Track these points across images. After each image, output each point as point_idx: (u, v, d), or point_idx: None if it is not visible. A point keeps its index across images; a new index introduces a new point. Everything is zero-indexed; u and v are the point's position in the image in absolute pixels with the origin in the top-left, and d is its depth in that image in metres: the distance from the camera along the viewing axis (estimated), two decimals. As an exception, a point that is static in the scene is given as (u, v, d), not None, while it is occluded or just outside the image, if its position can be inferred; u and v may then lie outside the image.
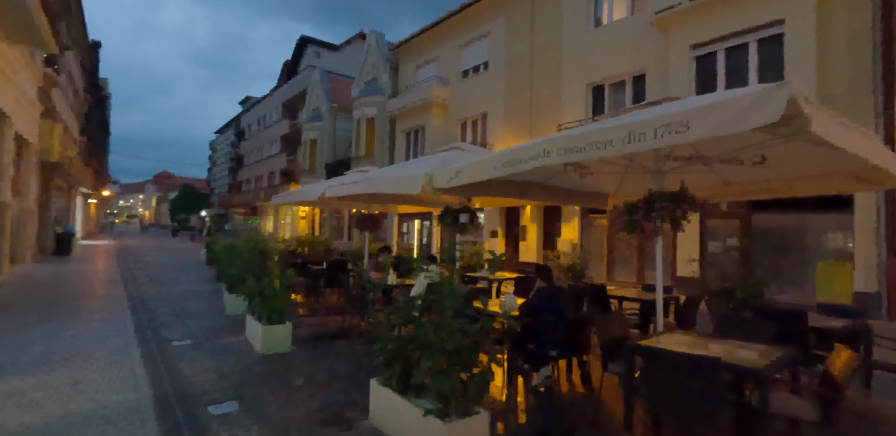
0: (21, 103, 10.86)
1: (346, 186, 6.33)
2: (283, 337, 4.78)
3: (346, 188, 6.27)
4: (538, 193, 5.53)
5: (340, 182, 6.91)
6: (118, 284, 9.74)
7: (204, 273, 12.47)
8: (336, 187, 6.75)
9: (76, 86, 23.74)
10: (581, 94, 13.38)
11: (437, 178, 4.53)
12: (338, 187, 6.69)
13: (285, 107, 36.08)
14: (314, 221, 29.74)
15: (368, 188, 5.53)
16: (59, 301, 7.41)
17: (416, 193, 4.69)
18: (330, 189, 6.94)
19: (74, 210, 24.68)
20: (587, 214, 13.22)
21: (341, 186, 6.55)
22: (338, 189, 6.67)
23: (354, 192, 5.95)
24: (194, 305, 7.55)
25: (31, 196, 13.07)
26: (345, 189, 6.30)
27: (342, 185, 6.64)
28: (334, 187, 6.83)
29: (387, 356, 2.91)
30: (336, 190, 6.71)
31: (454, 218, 6.65)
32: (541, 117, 14.53)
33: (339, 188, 6.58)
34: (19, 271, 11.05)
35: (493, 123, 16.32)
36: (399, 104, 19.78)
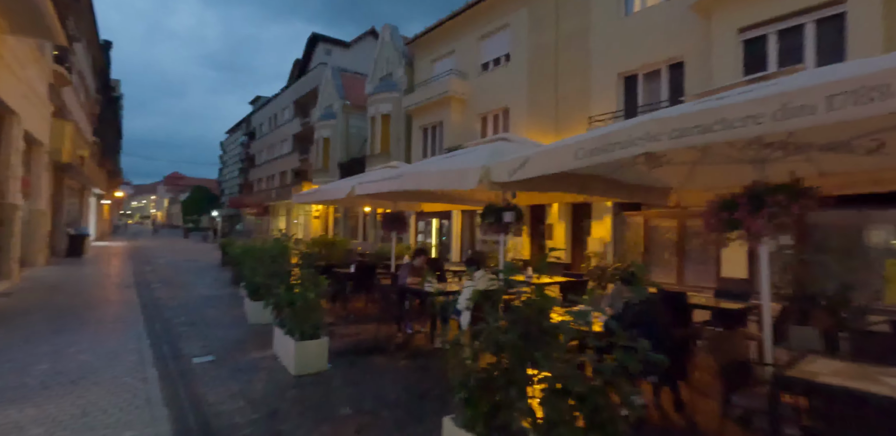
0: (30, 100, 10.41)
1: (379, 183, 5.72)
2: (318, 354, 4.18)
3: (380, 185, 5.65)
4: (599, 187, 4.88)
5: (371, 179, 6.31)
6: (131, 288, 9.25)
7: (219, 276, 11.98)
8: (368, 184, 6.14)
9: (88, 86, 23.46)
10: (612, 85, 12.65)
11: (495, 170, 3.90)
12: (370, 184, 6.09)
13: (297, 105, 35.66)
14: (328, 220, 29.26)
15: (409, 184, 4.91)
16: (70, 309, 6.89)
17: (472, 188, 4.06)
18: (360, 186, 6.34)
19: (87, 211, 24.42)
20: (620, 212, 12.51)
21: (374, 183, 5.95)
22: (370, 186, 6.06)
23: (391, 188, 5.33)
24: (212, 312, 7.00)
25: (43, 197, 12.67)
26: (379, 186, 5.69)
27: (374, 181, 6.03)
28: (365, 184, 6.23)
29: (469, 394, 2.28)
30: (368, 187, 6.10)
31: (497, 216, 6.02)
32: (568, 110, 13.83)
33: (372, 185, 5.97)
34: (31, 275, 10.62)
35: (515, 117, 15.64)
36: (416, 100, 19.17)
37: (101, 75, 30.01)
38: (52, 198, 14.94)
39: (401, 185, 5.20)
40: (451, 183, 4.26)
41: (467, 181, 4.02)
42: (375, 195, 6.66)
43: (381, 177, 6.12)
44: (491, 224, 6.08)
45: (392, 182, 5.35)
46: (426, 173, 4.68)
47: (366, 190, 6.18)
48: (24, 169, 11.78)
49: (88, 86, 23.90)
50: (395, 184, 5.31)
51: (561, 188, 4.55)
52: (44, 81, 12.19)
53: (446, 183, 4.34)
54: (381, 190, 5.75)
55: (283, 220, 38.62)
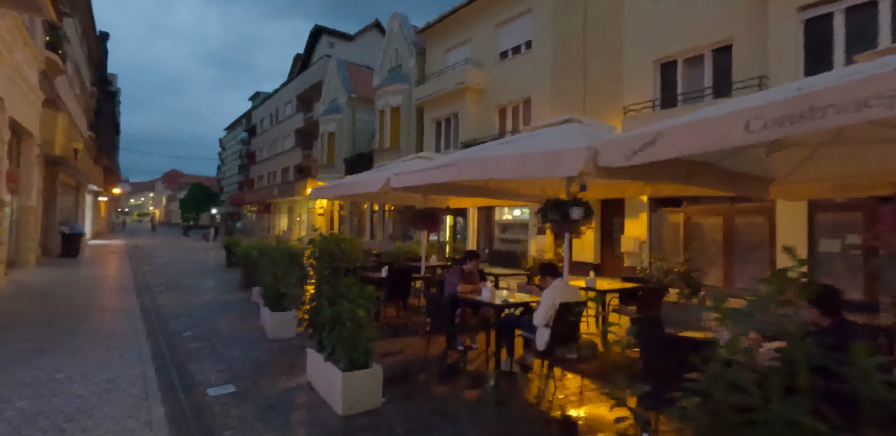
0: (17, 85, 9.46)
1: (425, 173, 4.80)
2: (370, 388, 3.28)
3: (428, 175, 4.74)
4: (707, 177, 3.98)
5: (409, 169, 5.39)
6: (130, 293, 8.34)
7: (225, 278, 11.07)
8: (408, 175, 5.23)
9: (83, 77, 22.46)
10: (648, 72, 11.75)
11: (606, 152, 2.99)
12: (411, 175, 5.17)
13: (299, 100, 34.65)
14: (333, 218, 28.34)
15: (470, 173, 4.00)
16: (59, 320, 5.98)
17: (572, 175, 3.17)
18: (397, 177, 5.42)
19: (83, 209, 23.46)
20: (657, 208, 11.63)
21: (414, 174, 5.03)
22: (411, 177, 5.15)
23: (444, 178, 4.43)
24: (224, 323, 6.09)
25: (34, 193, 11.72)
26: (426, 176, 4.78)
27: (415, 172, 5.12)
28: (405, 175, 5.31)
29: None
30: (408, 178, 5.19)
31: (563, 213, 5.11)
32: (597, 100, 12.92)
33: (414, 175, 5.06)
34: (19, 278, 9.70)
35: (538, 108, 14.73)
36: (428, 91, 18.24)
37: (97, 68, 28.98)
38: (45, 194, 14.00)
39: (457, 174, 4.29)
40: (539, 169, 3.36)
41: (566, 166, 3.12)
42: (411, 188, 5.74)
43: (423, 166, 5.21)
44: (555, 222, 5.18)
45: (445, 171, 4.44)
46: (498, 160, 3.77)
47: (406, 181, 5.27)
48: (11, 162, 10.83)
49: (84, 78, 22.90)
50: (448, 173, 4.40)
51: (665, 177, 3.66)
52: (34, 68, 11.22)
53: (531, 170, 3.43)
54: (428, 180, 4.84)
55: (285, 217, 37.67)
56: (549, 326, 3.83)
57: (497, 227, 16.55)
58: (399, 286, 5.98)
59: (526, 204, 10.27)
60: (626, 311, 5.37)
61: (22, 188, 11.39)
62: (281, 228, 38.20)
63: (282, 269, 5.23)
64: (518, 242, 15.33)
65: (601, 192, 7.22)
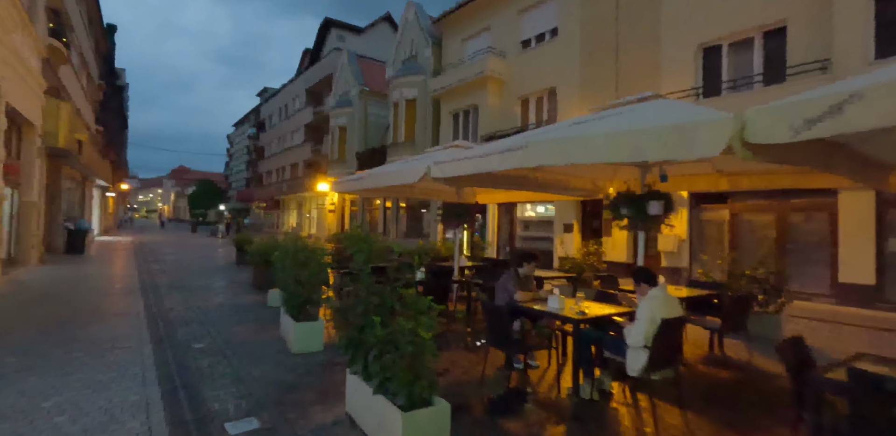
0: (15, 70, 8.81)
1: (479, 160, 4.06)
2: (438, 430, 2.56)
3: (481, 163, 4.01)
4: (842, 162, 3.20)
5: (452, 157, 4.65)
6: (136, 295, 7.68)
7: (236, 277, 10.41)
8: (453, 164, 4.49)
9: (90, 70, 21.89)
10: (689, 58, 10.90)
11: (760, 123, 2.23)
12: (456, 163, 4.44)
13: (309, 94, 33.98)
14: (344, 214, 27.68)
15: (554, 156, 3.25)
16: (55, 328, 5.32)
17: (709, 157, 2.41)
18: (439, 166, 4.69)
19: (90, 204, 22.95)
20: (698, 204, 10.81)
21: (466, 161, 4.30)
22: (457, 165, 4.42)
23: (506, 166, 3.69)
24: (240, 332, 5.39)
25: (36, 187, 11.11)
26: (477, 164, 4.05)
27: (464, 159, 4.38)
28: (449, 164, 4.58)
29: None
30: (454, 167, 4.46)
31: (639, 208, 4.37)
32: (631, 88, 12.07)
33: (465, 164, 4.32)
34: (18, 277, 9.08)
35: (564, 99, 13.91)
36: (445, 82, 17.45)
37: (105, 61, 28.44)
38: (48, 188, 13.41)
39: (523, 160, 3.55)
40: (654, 150, 2.59)
41: (701, 144, 2.36)
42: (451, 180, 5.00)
43: (469, 154, 4.46)
44: (629, 219, 4.43)
45: (507, 158, 3.69)
46: (588, 141, 3.01)
47: (450, 171, 4.53)
48: (11, 154, 10.22)
49: (91, 70, 22.32)
50: (511, 159, 3.65)
51: (805, 161, 2.88)
52: (34, 53, 10.58)
53: (643, 151, 2.67)
54: (479, 169, 4.11)
55: (294, 214, 37.10)
56: (647, 346, 3.08)
57: (519, 224, 15.78)
58: (437, 290, 5.25)
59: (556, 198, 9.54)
60: (706, 322, 4.60)
61: (23, 182, 10.78)
62: (290, 224, 37.64)
63: (307, 272, 4.51)
64: (543, 241, 14.55)
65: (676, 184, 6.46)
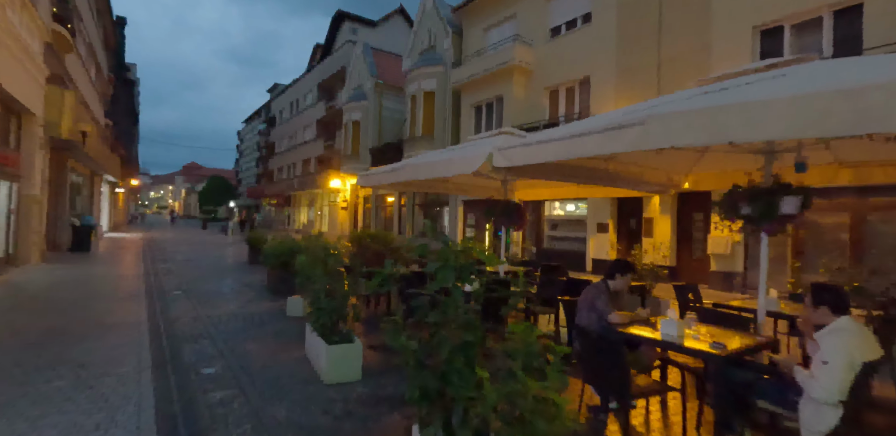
0: (10, 51, 8.05)
1: (564, 143, 3.18)
2: None
3: (567, 147, 3.12)
4: None
5: (525, 142, 3.76)
6: (140, 301, 6.89)
7: (249, 279, 9.62)
8: (527, 149, 3.62)
9: (99, 62, 21.25)
10: (745, 41, 9.89)
11: None
12: (532, 148, 3.57)
13: (321, 88, 33.18)
14: (357, 212, 26.89)
15: (696, 134, 2.35)
16: (41, 344, 4.53)
17: None
18: (505, 153, 3.82)
19: (99, 200, 22.37)
20: (755, 204, 9.81)
21: (547, 145, 3.42)
22: (531, 151, 3.55)
23: (612, 149, 2.80)
24: (258, 351, 4.55)
25: (37, 180, 10.40)
26: (561, 149, 3.17)
27: (545, 143, 3.50)
28: (520, 150, 3.70)
29: None
30: (528, 153, 3.59)
31: (767, 206, 3.46)
32: (675, 76, 11.09)
33: (547, 148, 3.45)
34: (15, 279, 8.36)
35: (598, 88, 12.93)
36: (468, 73, 16.52)
37: (115, 54, 27.87)
38: (52, 182, 12.72)
39: (639, 141, 2.66)
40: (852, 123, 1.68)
41: None
42: (514, 170, 4.13)
43: (547, 137, 3.57)
44: (749, 219, 3.52)
45: (611, 139, 2.80)
46: (751, 109, 2.10)
47: (522, 157, 3.65)
48: (9, 144, 9.50)
49: (100, 62, 21.70)
50: (620, 141, 2.76)
51: None
52: (35, 37, 9.84)
53: (876, 120, 1.75)
54: (560, 155, 3.23)
55: (306, 210, 36.42)
56: (842, 401, 2.18)
57: (547, 223, 14.84)
58: (493, 304, 4.35)
59: (620, 194, 8.62)
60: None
61: (23, 174, 10.06)
62: (301, 221, 36.98)
63: (341, 284, 3.65)
64: (573, 241, 13.62)
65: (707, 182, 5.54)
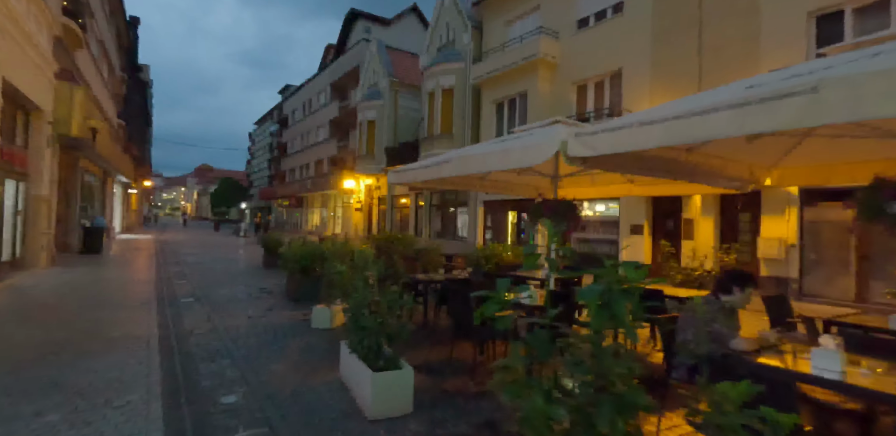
0: (14, 40, 7.57)
1: (691, 123, 2.51)
2: None
3: (704, 125, 2.45)
4: None
5: (615, 125, 3.09)
6: (150, 308, 6.33)
7: (265, 284, 9.05)
8: (618, 134, 2.96)
9: (111, 61, 20.95)
10: (798, 28, 9.14)
11: None
12: (625, 133, 2.92)
13: (334, 88, 32.76)
14: (371, 213, 26.33)
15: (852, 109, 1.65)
16: (35, 364, 3.96)
17: None
18: (584, 139, 3.17)
19: (111, 201, 22.06)
20: (813, 201, 9.01)
21: (649, 128, 2.76)
22: (624, 136, 2.89)
23: (770, 127, 2.11)
24: (284, 374, 3.93)
25: (45, 180, 9.93)
26: (696, 128, 2.49)
27: (644, 126, 2.85)
28: (605, 136, 3.05)
29: None
30: (618, 139, 2.94)
31: (874, 206, 2.75)
32: (719, 67, 10.33)
33: (645, 132, 2.80)
34: (20, 283, 7.86)
35: (632, 81, 12.20)
36: (489, 68, 15.87)
37: (127, 54, 27.66)
38: (63, 183, 12.29)
39: (803, 115, 1.98)
40: None
41: None
42: (595, 161, 3.46)
43: (647, 118, 2.90)
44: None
45: (753, 115, 2.13)
46: None
47: (610, 144, 3.00)
48: (17, 142, 9.03)
49: (113, 61, 21.41)
50: (774, 118, 2.09)
51: None
52: (43, 29, 9.38)
53: None
54: (668, 140, 2.58)
55: (318, 212, 35.98)
56: None
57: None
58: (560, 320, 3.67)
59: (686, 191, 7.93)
60: None
61: (31, 173, 9.60)
62: (314, 222, 36.56)
63: (388, 298, 3.01)
64: (604, 244, 12.89)
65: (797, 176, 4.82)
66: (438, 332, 5.44)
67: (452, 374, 3.99)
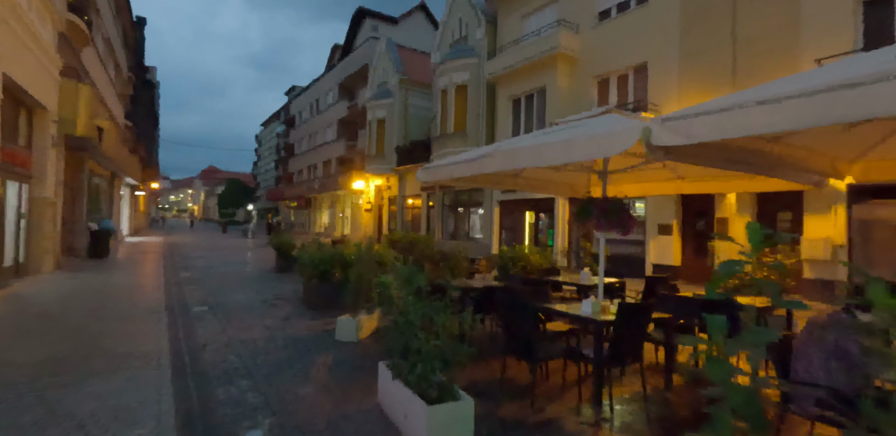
0: (14, 33, 7.15)
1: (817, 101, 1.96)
2: None
3: (838, 103, 1.90)
4: None
5: (708, 109, 2.57)
6: (159, 319, 5.87)
7: (280, 290, 8.58)
8: (715, 118, 2.45)
9: (118, 61, 20.62)
10: (844, 15, 8.56)
11: None
12: (727, 115, 2.39)
13: (342, 87, 32.34)
14: (381, 214, 25.87)
15: None
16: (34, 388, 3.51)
17: None
18: (673, 125, 2.67)
19: (119, 203, 21.74)
20: (863, 199, 8.42)
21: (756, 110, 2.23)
22: (728, 118, 2.36)
23: None
24: (314, 397, 3.45)
25: (50, 182, 9.53)
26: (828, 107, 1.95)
27: (744, 109, 2.32)
28: (700, 120, 2.55)
29: None
30: (723, 121, 2.41)
31: None
32: (755, 58, 9.76)
33: (747, 114, 2.26)
34: (20, 290, 7.43)
35: (658, 75, 11.64)
36: (506, 63, 15.35)
37: (134, 54, 27.39)
38: (69, 184, 11.91)
39: None
40: None
41: None
42: (683, 151, 2.94)
43: (746, 99, 2.38)
44: None
45: None
46: None
47: (707, 130, 2.49)
48: (20, 142, 8.62)
49: (119, 61, 21.09)
50: None
51: None
52: (47, 25, 8.98)
53: None
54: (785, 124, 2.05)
55: (327, 213, 35.59)
56: None
57: (596, 224, 13.53)
58: (633, 337, 3.18)
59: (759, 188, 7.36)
60: None
61: (35, 175, 9.20)
62: (322, 224, 36.18)
63: (445, 317, 2.51)
64: (629, 244, 12.32)
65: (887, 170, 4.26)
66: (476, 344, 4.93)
67: (506, 397, 3.48)
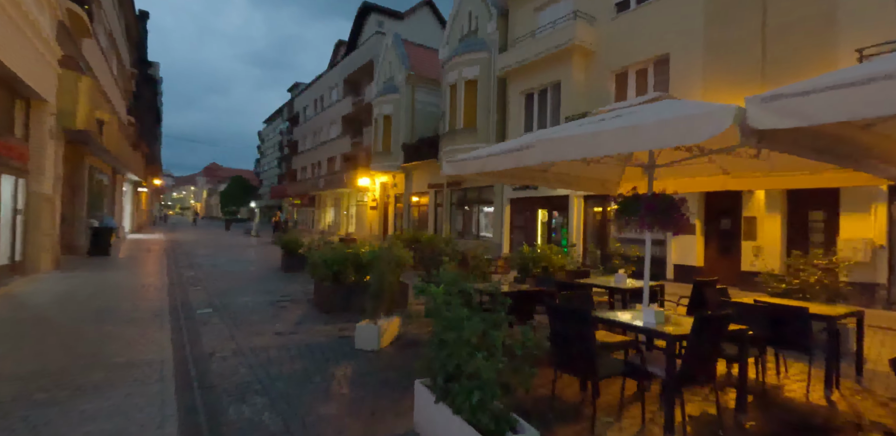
0: (10, 18, 6.73)
1: None
2: None
3: None
4: None
5: (815, 86, 2.12)
6: (162, 323, 5.47)
7: (289, 290, 8.18)
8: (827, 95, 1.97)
9: (120, 54, 20.22)
10: (887, 3, 8.08)
11: None
12: (844, 91, 1.91)
13: (347, 83, 31.90)
14: (387, 212, 25.45)
15: None
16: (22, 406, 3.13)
17: None
18: (779, 104, 2.19)
19: (121, 200, 21.37)
20: (904, 198, 7.97)
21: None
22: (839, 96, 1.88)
23: None
24: (339, 418, 3.04)
25: (48, 177, 9.13)
26: None
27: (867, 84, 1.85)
28: (812, 98, 2.07)
29: None
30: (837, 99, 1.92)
31: None
32: (787, 49, 9.29)
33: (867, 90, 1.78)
34: (16, 290, 7.04)
35: (681, 68, 11.17)
36: (519, 57, 14.88)
37: (137, 49, 26.99)
38: (69, 180, 11.52)
39: None
40: None
41: None
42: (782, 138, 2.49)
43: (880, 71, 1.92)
44: None
45: None
46: None
47: (818, 111, 2.03)
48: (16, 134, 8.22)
49: (122, 55, 20.68)
50: None
51: None
52: (44, 10, 8.56)
53: None
54: None
55: (331, 210, 35.18)
56: None
57: (613, 222, 13.09)
58: (709, 354, 2.75)
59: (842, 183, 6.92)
60: None
61: (32, 169, 8.80)
62: (326, 221, 35.78)
63: (502, 333, 2.08)
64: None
65: None
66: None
67: (558, 419, 3.06)
